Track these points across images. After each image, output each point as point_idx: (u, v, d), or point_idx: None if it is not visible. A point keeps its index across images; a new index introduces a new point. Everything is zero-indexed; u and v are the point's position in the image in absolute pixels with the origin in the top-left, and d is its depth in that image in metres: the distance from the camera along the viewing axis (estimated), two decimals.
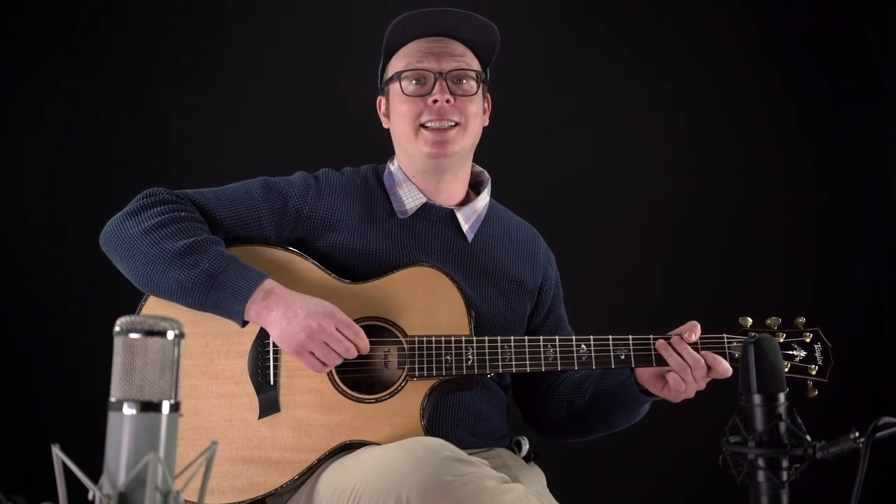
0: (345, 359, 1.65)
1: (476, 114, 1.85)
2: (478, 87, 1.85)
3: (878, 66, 3.16)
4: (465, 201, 1.92)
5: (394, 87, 1.85)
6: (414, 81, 1.82)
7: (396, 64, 1.86)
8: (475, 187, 1.96)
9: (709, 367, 1.71)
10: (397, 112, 1.85)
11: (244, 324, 1.66)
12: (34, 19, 2.91)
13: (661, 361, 1.72)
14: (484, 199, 1.93)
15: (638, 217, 3.11)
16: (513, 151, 2.87)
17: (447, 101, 1.80)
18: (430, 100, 1.80)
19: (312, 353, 1.63)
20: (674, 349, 1.71)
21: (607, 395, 1.85)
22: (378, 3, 3.07)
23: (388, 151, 1.96)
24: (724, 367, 1.71)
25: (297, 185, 1.84)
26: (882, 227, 3.14)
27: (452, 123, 1.81)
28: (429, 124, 1.81)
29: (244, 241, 1.77)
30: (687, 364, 1.70)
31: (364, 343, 1.66)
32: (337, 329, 1.63)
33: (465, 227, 1.88)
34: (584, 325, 1.93)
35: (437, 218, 1.87)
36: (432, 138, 1.81)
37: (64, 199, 2.86)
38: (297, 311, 1.62)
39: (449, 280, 1.74)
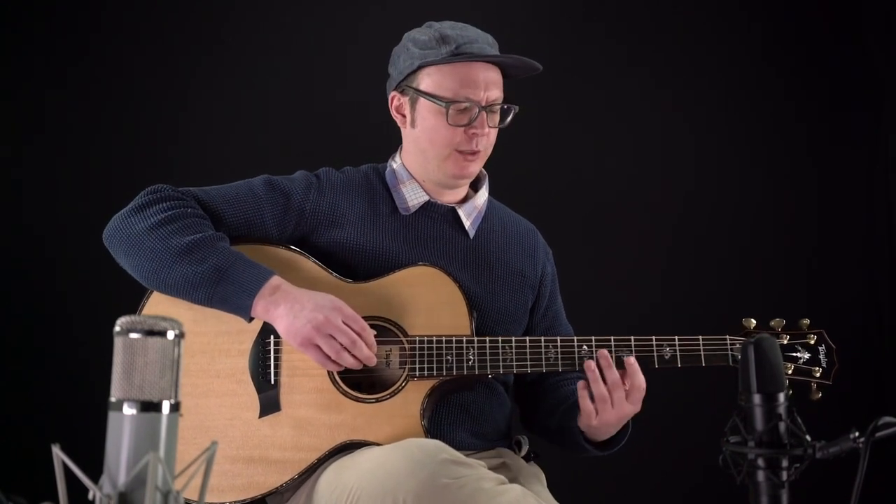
0: (351, 353, 1.63)
1: (494, 140, 1.86)
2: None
3: (878, 66, 3.16)
4: (465, 198, 1.93)
5: (432, 106, 1.80)
6: (460, 111, 1.79)
7: (438, 80, 1.80)
8: (473, 184, 1.96)
9: (627, 387, 1.69)
10: (433, 130, 1.81)
11: (250, 319, 1.66)
12: (35, 18, 2.91)
13: (664, 363, 1.72)
14: (483, 195, 1.94)
15: (638, 217, 3.11)
16: (513, 151, 2.86)
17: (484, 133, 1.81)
18: (470, 130, 1.80)
19: (318, 347, 1.63)
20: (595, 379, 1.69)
21: (568, 432, 1.83)
22: (379, 3, 3.08)
23: (390, 152, 1.96)
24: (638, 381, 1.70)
25: (298, 182, 1.84)
26: (882, 228, 3.14)
27: (480, 152, 1.83)
28: (461, 149, 1.81)
29: (247, 240, 1.77)
30: (606, 387, 1.68)
31: (370, 337, 1.66)
32: (343, 322, 1.63)
33: (466, 223, 1.89)
34: (584, 325, 1.93)
35: (438, 215, 1.88)
36: (461, 162, 1.82)
37: (65, 198, 2.86)
38: (304, 305, 1.63)
39: (451, 280, 1.74)
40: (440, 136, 1.81)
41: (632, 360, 1.70)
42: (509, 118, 1.85)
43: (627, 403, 1.70)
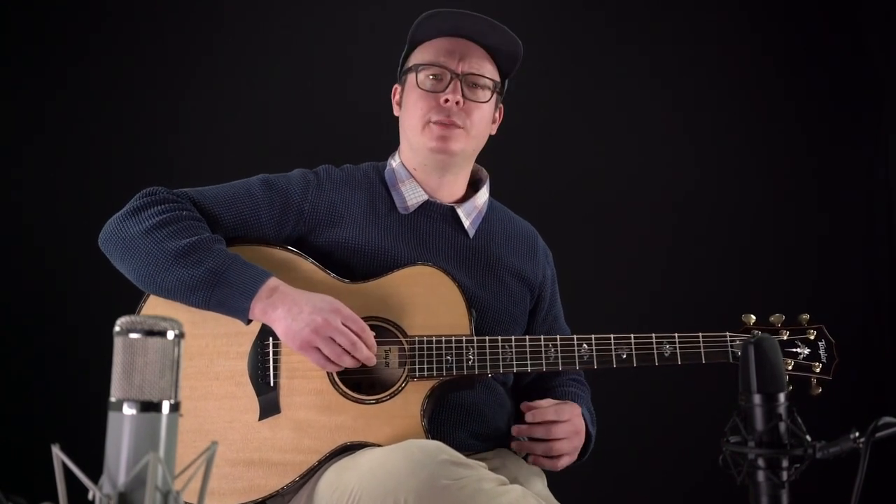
0: (351, 354, 1.63)
1: (481, 121, 1.86)
2: (490, 97, 1.86)
3: (878, 66, 3.16)
4: (465, 198, 1.93)
5: (411, 78, 1.86)
6: (431, 77, 1.83)
7: (418, 56, 1.87)
8: (474, 184, 1.97)
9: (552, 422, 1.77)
10: (409, 103, 1.86)
11: (248, 322, 1.66)
12: (34, 20, 2.91)
13: (664, 361, 1.72)
14: (483, 195, 1.94)
15: (638, 217, 3.11)
16: (514, 151, 2.87)
17: (457, 102, 1.81)
18: (441, 98, 1.81)
19: (318, 349, 1.63)
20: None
21: None
22: (379, 3, 3.08)
23: (390, 152, 1.96)
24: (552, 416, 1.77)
25: (296, 182, 1.84)
26: (882, 228, 3.14)
27: (456, 124, 1.82)
28: (434, 118, 1.82)
29: (244, 241, 1.77)
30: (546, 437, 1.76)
31: (369, 338, 1.66)
32: (343, 324, 1.63)
33: (466, 223, 1.89)
34: (584, 325, 1.93)
35: (438, 215, 1.88)
36: (437, 132, 1.82)
37: (64, 199, 2.86)
38: (302, 308, 1.62)
39: (449, 279, 1.74)
40: (417, 107, 1.83)
41: (524, 407, 1.79)
42: (491, 96, 1.86)
43: (557, 428, 1.77)
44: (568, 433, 1.78)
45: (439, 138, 1.82)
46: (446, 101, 1.81)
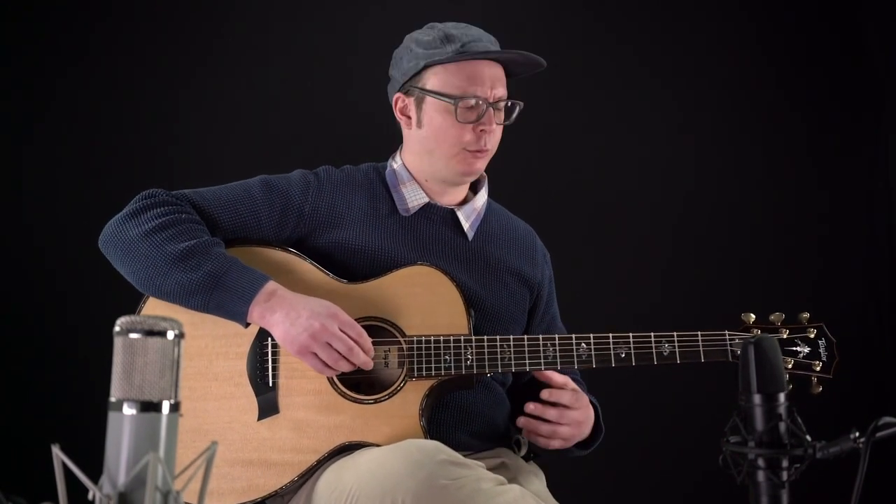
0: (348, 360, 1.64)
1: (499, 137, 1.87)
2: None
3: (878, 66, 3.16)
4: (465, 200, 1.93)
5: (441, 105, 1.79)
6: (468, 109, 1.79)
7: (445, 79, 1.79)
8: (472, 186, 1.96)
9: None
10: (442, 129, 1.80)
11: (247, 325, 1.66)
12: (35, 19, 2.91)
13: (663, 359, 1.72)
14: (482, 197, 1.94)
15: (638, 217, 3.11)
16: (514, 151, 2.87)
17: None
18: (478, 128, 1.79)
19: (315, 354, 1.63)
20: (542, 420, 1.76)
21: None
22: (379, 3, 3.08)
23: (390, 152, 1.96)
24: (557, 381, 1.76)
25: (296, 183, 1.83)
26: (882, 228, 3.14)
27: (489, 150, 1.83)
28: (470, 148, 1.80)
29: (243, 243, 1.77)
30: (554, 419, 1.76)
31: (367, 343, 1.66)
32: (340, 329, 1.63)
33: (465, 225, 1.89)
34: (583, 325, 1.94)
35: (438, 217, 1.88)
36: (469, 159, 1.81)
37: (64, 199, 2.86)
38: (300, 312, 1.62)
39: (448, 279, 1.74)
40: (449, 135, 1.80)
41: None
42: (514, 115, 1.86)
43: (568, 414, 1.75)
44: (576, 421, 1.77)
45: (469, 164, 1.82)
46: (483, 130, 1.79)
